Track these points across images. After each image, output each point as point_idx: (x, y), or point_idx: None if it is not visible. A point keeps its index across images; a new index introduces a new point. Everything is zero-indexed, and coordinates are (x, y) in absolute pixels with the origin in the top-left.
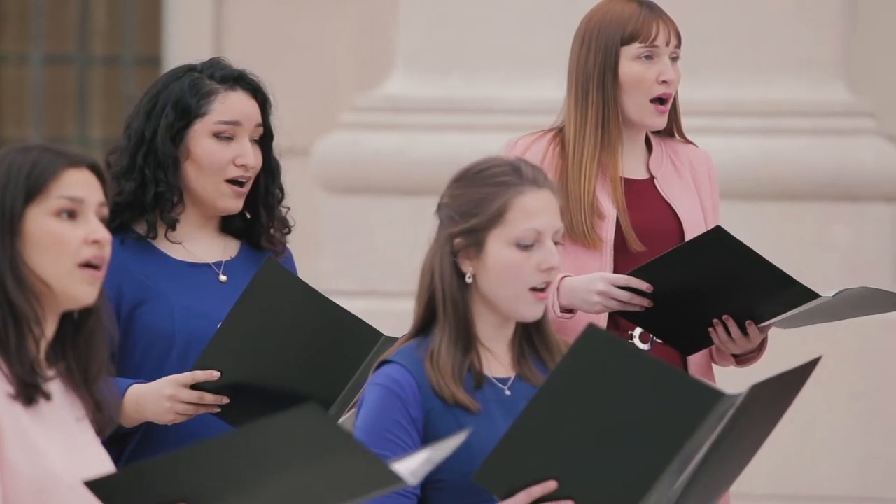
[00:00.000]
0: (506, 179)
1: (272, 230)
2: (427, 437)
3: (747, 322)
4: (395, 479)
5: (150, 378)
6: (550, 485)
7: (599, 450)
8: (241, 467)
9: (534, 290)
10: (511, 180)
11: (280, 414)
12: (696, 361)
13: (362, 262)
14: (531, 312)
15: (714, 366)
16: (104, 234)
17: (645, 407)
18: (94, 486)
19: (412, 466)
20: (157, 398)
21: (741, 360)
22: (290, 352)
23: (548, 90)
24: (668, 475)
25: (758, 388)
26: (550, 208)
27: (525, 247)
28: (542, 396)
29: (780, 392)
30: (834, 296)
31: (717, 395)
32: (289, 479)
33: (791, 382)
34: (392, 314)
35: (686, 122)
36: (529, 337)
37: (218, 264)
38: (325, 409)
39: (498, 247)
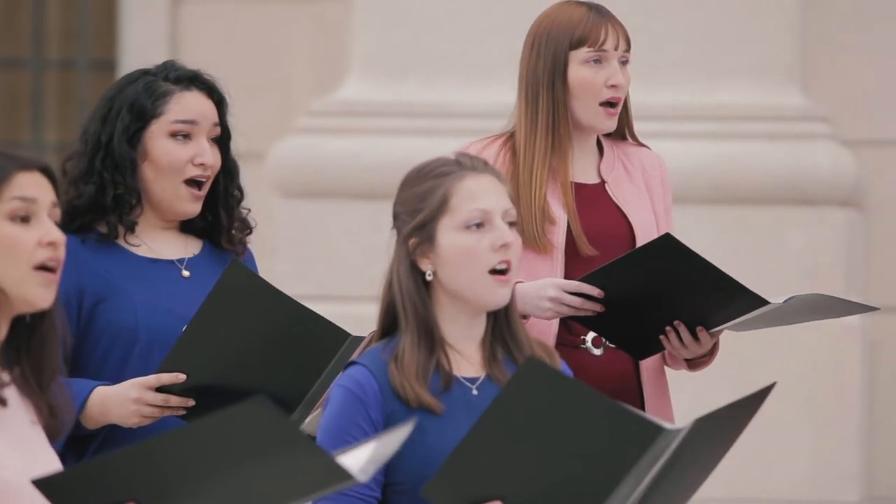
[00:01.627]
0: (446, 170)
1: (233, 231)
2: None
3: (698, 328)
4: (345, 475)
5: (114, 374)
6: None
7: (544, 474)
8: (190, 463)
9: (493, 272)
10: (451, 170)
11: (228, 408)
12: (648, 365)
13: (318, 266)
14: (495, 298)
15: (667, 368)
16: (59, 236)
17: (585, 438)
18: (43, 485)
19: (360, 463)
20: (123, 400)
21: (693, 364)
22: (256, 353)
23: (503, 94)
24: (612, 502)
25: (702, 422)
26: (495, 190)
27: (475, 229)
28: (487, 418)
29: (730, 420)
30: (784, 302)
31: (657, 430)
32: (238, 474)
33: (743, 410)
34: (348, 318)
35: (641, 127)
36: (501, 337)
37: (181, 260)
38: (275, 404)
39: (448, 234)
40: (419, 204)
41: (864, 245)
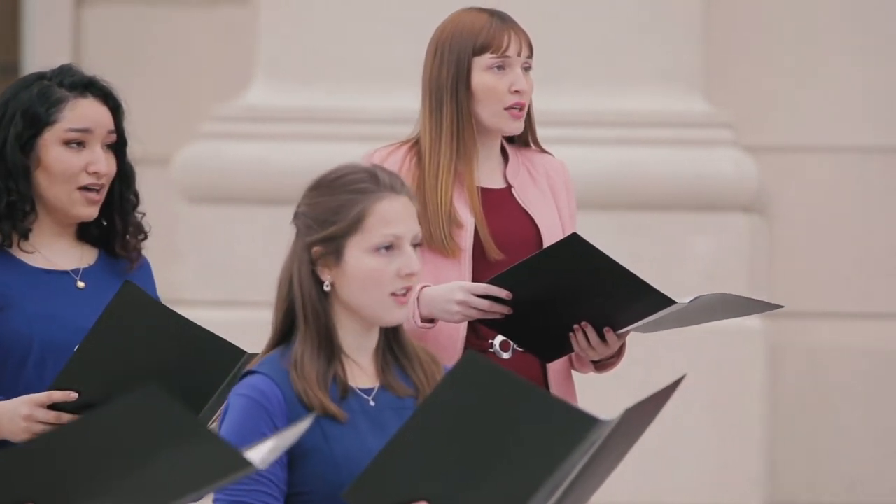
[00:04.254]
0: (363, 186)
1: (127, 236)
2: (292, 449)
3: (605, 329)
4: (244, 463)
5: (8, 385)
6: None
7: (472, 472)
8: (86, 457)
9: (394, 294)
10: (368, 187)
11: (120, 399)
12: (555, 368)
13: (222, 271)
14: (393, 317)
15: (574, 372)
16: None
17: (520, 432)
18: None
19: (261, 454)
20: (13, 417)
21: (600, 366)
22: (149, 372)
23: (408, 100)
24: (538, 498)
25: (630, 412)
26: (408, 214)
27: (384, 252)
28: (417, 417)
29: (646, 412)
30: (689, 302)
31: (591, 421)
32: (135, 466)
33: (656, 402)
34: (252, 324)
35: (545, 133)
36: (390, 346)
37: (76, 271)
38: (167, 392)
39: (357, 254)
40: (331, 216)
41: (767, 251)
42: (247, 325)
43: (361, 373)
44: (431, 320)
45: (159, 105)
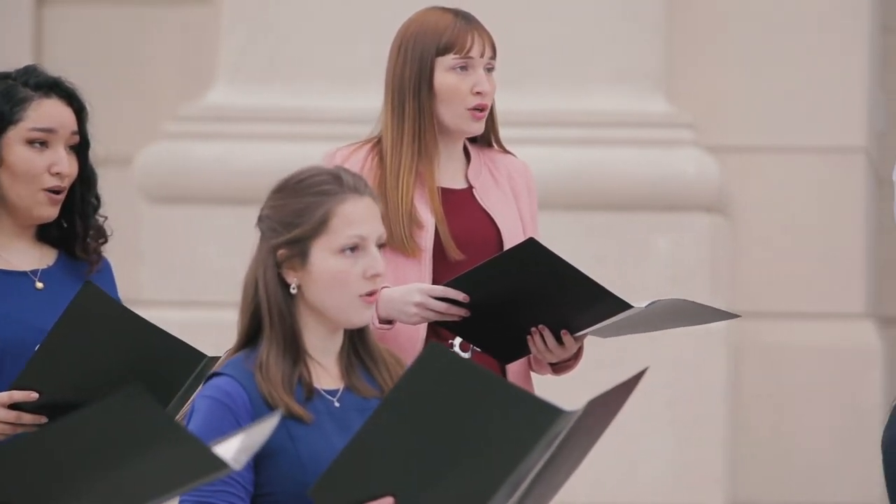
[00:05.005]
0: (327, 188)
1: (88, 239)
2: (259, 450)
3: (562, 332)
4: (220, 464)
5: None
6: (387, 501)
7: (438, 466)
8: (66, 458)
9: (360, 296)
10: (332, 189)
11: (104, 399)
12: (514, 370)
13: (185, 272)
14: (361, 318)
15: (532, 374)
16: None
17: (484, 424)
18: None
19: (231, 452)
20: None
21: (557, 368)
22: (110, 373)
23: (370, 100)
24: (503, 491)
25: (593, 404)
26: (373, 215)
27: (349, 253)
28: (381, 412)
29: (609, 405)
30: (646, 307)
31: (555, 412)
32: (114, 467)
33: (619, 395)
34: (214, 325)
35: (508, 133)
36: (355, 348)
37: (35, 272)
38: (148, 393)
39: (322, 256)
40: (296, 219)
41: (729, 250)
42: (208, 325)
43: (326, 374)
44: (390, 321)
45: (121, 105)
